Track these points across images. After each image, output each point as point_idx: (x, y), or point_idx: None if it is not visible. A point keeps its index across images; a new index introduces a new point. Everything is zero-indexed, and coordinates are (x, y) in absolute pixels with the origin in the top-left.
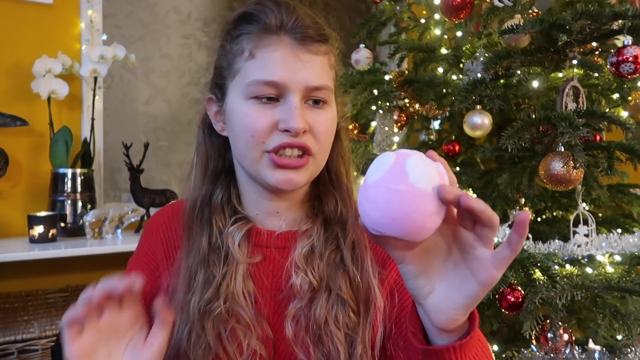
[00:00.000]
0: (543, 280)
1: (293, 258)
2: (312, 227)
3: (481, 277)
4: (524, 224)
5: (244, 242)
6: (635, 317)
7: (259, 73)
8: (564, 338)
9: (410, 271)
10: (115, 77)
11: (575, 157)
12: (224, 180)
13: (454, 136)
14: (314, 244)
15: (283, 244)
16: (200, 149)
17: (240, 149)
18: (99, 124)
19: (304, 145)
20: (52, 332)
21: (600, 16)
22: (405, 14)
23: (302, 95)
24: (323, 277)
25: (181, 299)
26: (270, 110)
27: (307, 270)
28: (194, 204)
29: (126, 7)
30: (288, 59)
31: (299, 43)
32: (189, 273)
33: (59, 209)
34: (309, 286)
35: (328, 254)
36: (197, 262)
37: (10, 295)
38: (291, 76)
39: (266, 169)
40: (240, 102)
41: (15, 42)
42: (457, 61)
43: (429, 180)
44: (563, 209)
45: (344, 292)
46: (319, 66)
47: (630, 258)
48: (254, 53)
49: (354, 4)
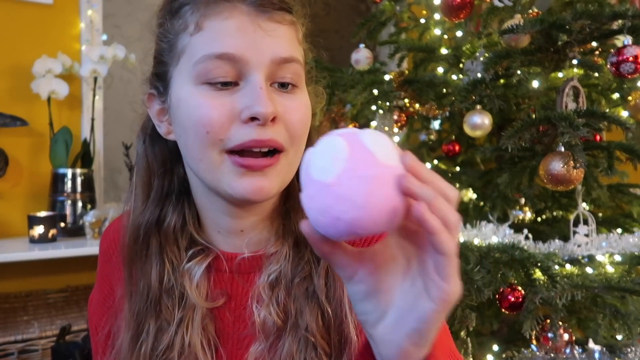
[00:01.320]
0: (543, 280)
1: (257, 288)
2: (281, 249)
3: (434, 292)
4: (422, 217)
5: (203, 281)
6: (636, 317)
7: (209, 46)
8: (564, 338)
9: (361, 291)
10: (115, 77)
11: (575, 157)
12: (175, 201)
13: (454, 136)
14: (282, 270)
15: (247, 269)
16: (140, 164)
17: (193, 151)
18: (99, 124)
19: (274, 143)
20: (52, 332)
21: (600, 16)
22: (405, 14)
23: (268, 73)
24: (290, 313)
25: (127, 349)
26: (229, 97)
27: (271, 304)
28: (137, 233)
29: (126, 7)
30: (246, 27)
31: (257, 10)
32: (136, 318)
33: (59, 209)
34: (273, 325)
35: (297, 282)
36: (146, 305)
37: (10, 295)
38: (252, 47)
39: (229, 175)
40: (188, 90)
41: (15, 42)
42: (457, 61)
43: (392, 154)
44: (563, 209)
45: (314, 331)
46: (286, 35)
47: (630, 258)
48: (201, 24)
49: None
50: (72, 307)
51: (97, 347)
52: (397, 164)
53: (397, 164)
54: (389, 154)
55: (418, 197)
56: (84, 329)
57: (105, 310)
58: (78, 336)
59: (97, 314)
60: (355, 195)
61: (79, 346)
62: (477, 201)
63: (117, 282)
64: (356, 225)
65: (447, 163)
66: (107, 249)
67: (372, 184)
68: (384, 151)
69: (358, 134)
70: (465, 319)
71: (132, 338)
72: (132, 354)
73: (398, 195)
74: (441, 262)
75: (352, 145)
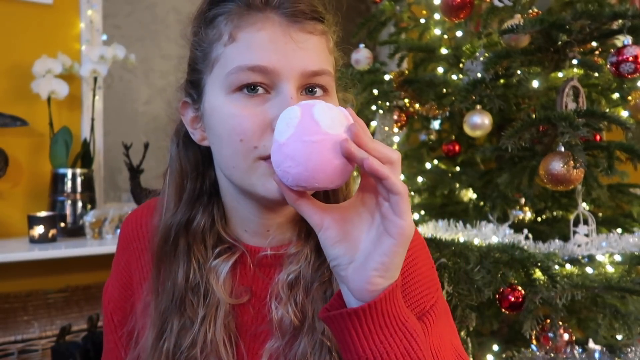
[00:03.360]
0: (543, 280)
1: (276, 286)
2: (301, 251)
3: (392, 229)
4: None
5: (228, 278)
6: (635, 316)
7: (242, 57)
8: (564, 338)
9: (330, 237)
10: (115, 77)
11: (575, 157)
12: (206, 203)
13: (454, 136)
14: (302, 271)
15: (269, 264)
16: (174, 167)
17: (228, 158)
18: (99, 124)
19: None
20: (52, 332)
21: (600, 16)
22: (405, 14)
23: (298, 83)
24: (307, 314)
25: (151, 346)
26: (261, 106)
27: (289, 303)
28: (167, 234)
29: (126, 7)
30: (278, 39)
31: (289, 20)
32: (161, 317)
33: (59, 209)
34: (290, 323)
35: (317, 286)
36: (171, 304)
37: (10, 295)
38: (283, 59)
39: (263, 178)
40: (221, 98)
41: (15, 42)
42: (457, 61)
43: (340, 125)
44: (563, 209)
45: (330, 336)
46: (316, 47)
47: (630, 258)
48: (234, 35)
49: (354, 4)
50: (72, 307)
51: (111, 336)
52: (339, 132)
53: (339, 132)
54: (333, 124)
55: (355, 158)
56: (84, 329)
57: (123, 300)
58: (78, 336)
59: (114, 302)
60: (298, 156)
61: (79, 346)
62: (477, 201)
63: (137, 273)
64: (300, 179)
65: (447, 163)
66: (127, 236)
67: (311, 147)
68: (329, 121)
69: (311, 106)
70: (465, 319)
71: (156, 336)
72: (155, 352)
73: (338, 158)
74: (395, 201)
75: (303, 114)
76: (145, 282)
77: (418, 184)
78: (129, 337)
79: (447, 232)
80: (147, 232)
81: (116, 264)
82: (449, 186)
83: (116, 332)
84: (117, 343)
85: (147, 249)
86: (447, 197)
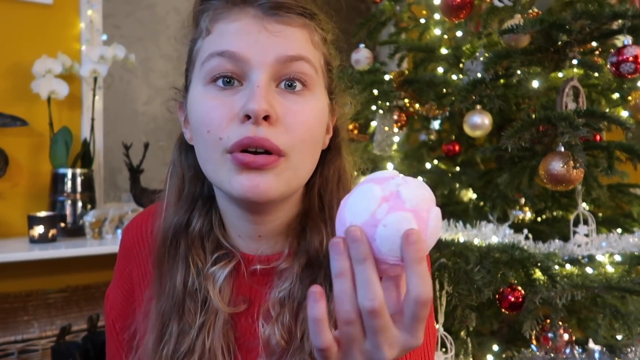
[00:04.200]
0: (543, 280)
1: (266, 303)
2: (292, 266)
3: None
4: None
5: (226, 287)
6: (636, 317)
7: (213, 45)
8: (564, 338)
9: None
10: (115, 77)
11: (575, 157)
12: (202, 206)
13: (454, 136)
14: (292, 289)
15: (260, 280)
16: (175, 169)
17: (201, 152)
18: (99, 124)
19: (268, 144)
20: (52, 332)
21: (600, 16)
22: (405, 14)
23: (272, 72)
24: (295, 335)
25: (151, 349)
26: (230, 97)
27: (277, 323)
28: (166, 235)
29: (126, 7)
30: (250, 28)
31: (266, 13)
32: (161, 319)
33: (59, 209)
34: (277, 344)
35: (306, 304)
36: (170, 307)
37: (10, 295)
38: (254, 46)
39: (229, 173)
40: (198, 90)
41: (15, 42)
42: (457, 61)
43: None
44: (563, 209)
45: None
46: (294, 36)
47: (630, 258)
48: (210, 28)
49: (354, 4)
50: (72, 307)
51: (113, 343)
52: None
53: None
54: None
55: None
56: (83, 329)
57: (125, 307)
58: (78, 336)
59: (116, 309)
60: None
61: (79, 346)
62: (477, 201)
63: (138, 280)
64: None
65: (447, 163)
66: (128, 243)
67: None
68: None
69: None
70: (465, 319)
71: (156, 339)
72: (155, 355)
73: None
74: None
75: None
76: (147, 289)
77: None
78: (131, 343)
79: (447, 232)
80: (148, 239)
81: (117, 270)
82: (449, 186)
83: (118, 339)
84: (118, 350)
85: (148, 256)
86: (447, 197)
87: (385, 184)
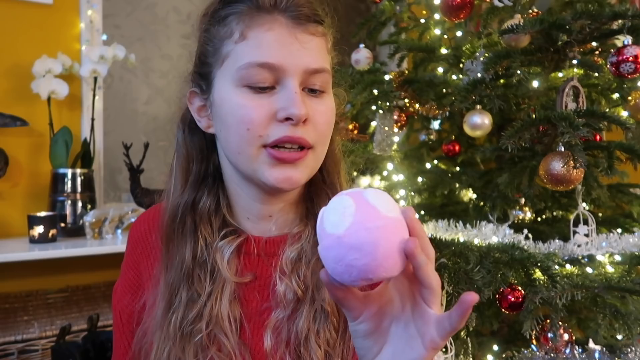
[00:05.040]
0: (543, 280)
1: (280, 263)
2: (304, 230)
3: (426, 340)
4: (468, 306)
5: (233, 259)
6: (636, 317)
7: (253, 55)
8: (564, 338)
9: (363, 329)
10: (115, 77)
11: (575, 157)
12: (210, 185)
13: (454, 136)
14: (303, 248)
15: (272, 250)
16: (180, 151)
17: (234, 145)
18: (99, 124)
19: (304, 141)
20: (52, 332)
21: (600, 16)
22: (405, 14)
23: (301, 80)
24: (308, 286)
25: (160, 317)
26: (267, 99)
27: (292, 277)
28: (175, 212)
29: (126, 7)
30: (285, 39)
31: (294, 22)
32: (169, 289)
33: (59, 209)
34: (294, 295)
35: (315, 260)
36: (179, 276)
37: (10, 295)
38: (289, 58)
39: (264, 166)
40: (231, 91)
41: (15, 42)
42: (457, 61)
43: (394, 207)
44: (563, 209)
45: (328, 303)
46: (318, 48)
47: (630, 258)
48: (245, 34)
49: (354, 4)
50: (72, 307)
51: (119, 334)
52: (397, 214)
53: (397, 215)
54: (389, 207)
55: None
56: (83, 329)
57: (133, 298)
58: (78, 336)
59: (123, 302)
60: (364, 244)
61: (79, 346)
62: (477, 201)
63: (145, 269)
64: (367, 271)
65: (447, 163)
66: (135, 236)
67: (377, 233)
68: (385, 204)
69: (362, 193)
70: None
71: (165, 307)
72: (164, 322)
73: (400, 242)
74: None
75: (357, 201)
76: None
77: (418, 184)
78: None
79: (447, 232)
80: (156, 231)
81: (125, 264)
82: (449, 186)
83: (124, 330)
84: (123, 341)
85: (156, 247)
86: (447, 197)
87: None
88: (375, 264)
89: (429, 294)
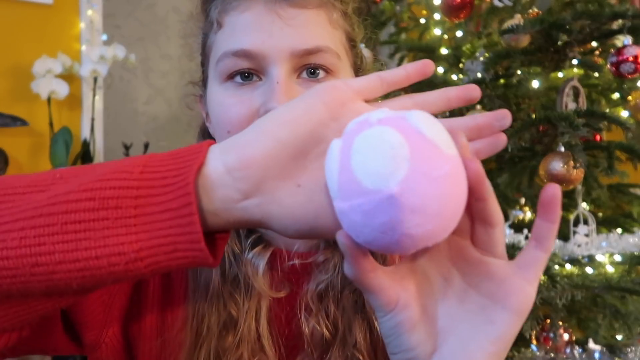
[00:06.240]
0: (543, 280)
1: (305, 296)
2: (330, 258)
3: (512, 301)
4: (555, 202)
5: (267, 270)
6: (636, 317)
7: (227, 43)
8: (564, 338)
9: (407, 317)
10: (115, 77)
11: (575, 157)
12: None
13: None
14: (332, 281)
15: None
16: None
17: None
18: (99, 124)
19: None
20: None
21: (600, 16)
22: (405, 14)
23: (291, 65)
24: (338, 326)
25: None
26: (249, 94)
27: (320, 315)
28: None
29: (126, 7)
30: (263, 19)
31: None
32: (196, 317)
33: None
34: (322, 337)
35: (346, 294)
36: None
37: None
38: (268, 40)
39: None
40: (215, 88)
41: (15, 42)
42: (457, 61)
43: (447, 136)
44: (563, 209)
45: (362, 349)
46: (310, 22)
47: (630, 258)
48: (221, 21)
49: None
50: None
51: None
52: (455, 151)
53: (455, 152)
54: (447, 139)
55: (483, 192)
56: None
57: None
58: None
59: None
60: (431, 203)
61: None
62: None
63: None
64: (428, 238)
65: None
66: None
67: (446, 185)
68: (444, 137)
69: (407, 119)
70: None
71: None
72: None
73: (465, 191)
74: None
75: (409, 137)
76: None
77: None
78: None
79: None
80: None
81: None
82: None
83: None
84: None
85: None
86: None
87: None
88: (442, 227)
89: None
